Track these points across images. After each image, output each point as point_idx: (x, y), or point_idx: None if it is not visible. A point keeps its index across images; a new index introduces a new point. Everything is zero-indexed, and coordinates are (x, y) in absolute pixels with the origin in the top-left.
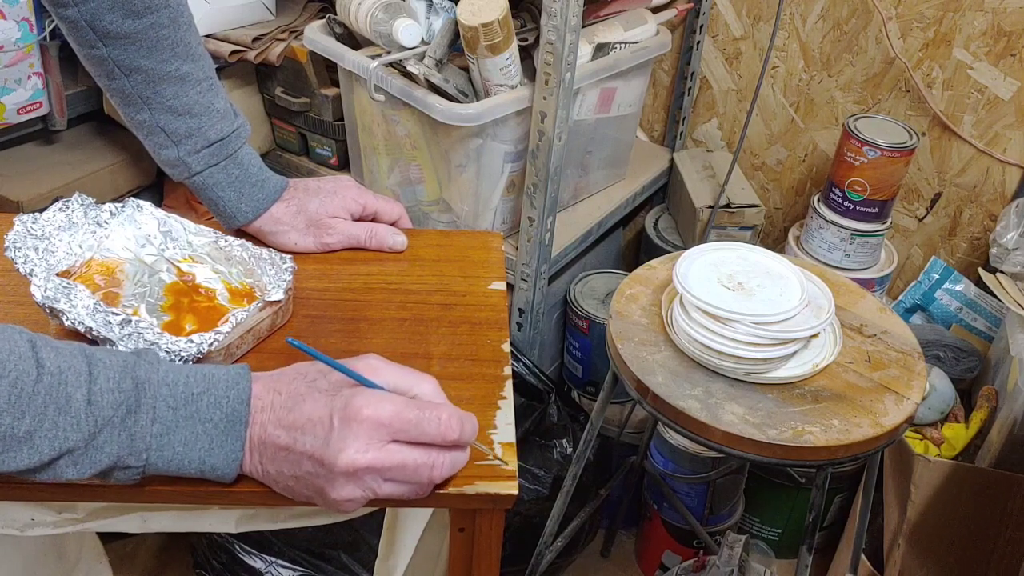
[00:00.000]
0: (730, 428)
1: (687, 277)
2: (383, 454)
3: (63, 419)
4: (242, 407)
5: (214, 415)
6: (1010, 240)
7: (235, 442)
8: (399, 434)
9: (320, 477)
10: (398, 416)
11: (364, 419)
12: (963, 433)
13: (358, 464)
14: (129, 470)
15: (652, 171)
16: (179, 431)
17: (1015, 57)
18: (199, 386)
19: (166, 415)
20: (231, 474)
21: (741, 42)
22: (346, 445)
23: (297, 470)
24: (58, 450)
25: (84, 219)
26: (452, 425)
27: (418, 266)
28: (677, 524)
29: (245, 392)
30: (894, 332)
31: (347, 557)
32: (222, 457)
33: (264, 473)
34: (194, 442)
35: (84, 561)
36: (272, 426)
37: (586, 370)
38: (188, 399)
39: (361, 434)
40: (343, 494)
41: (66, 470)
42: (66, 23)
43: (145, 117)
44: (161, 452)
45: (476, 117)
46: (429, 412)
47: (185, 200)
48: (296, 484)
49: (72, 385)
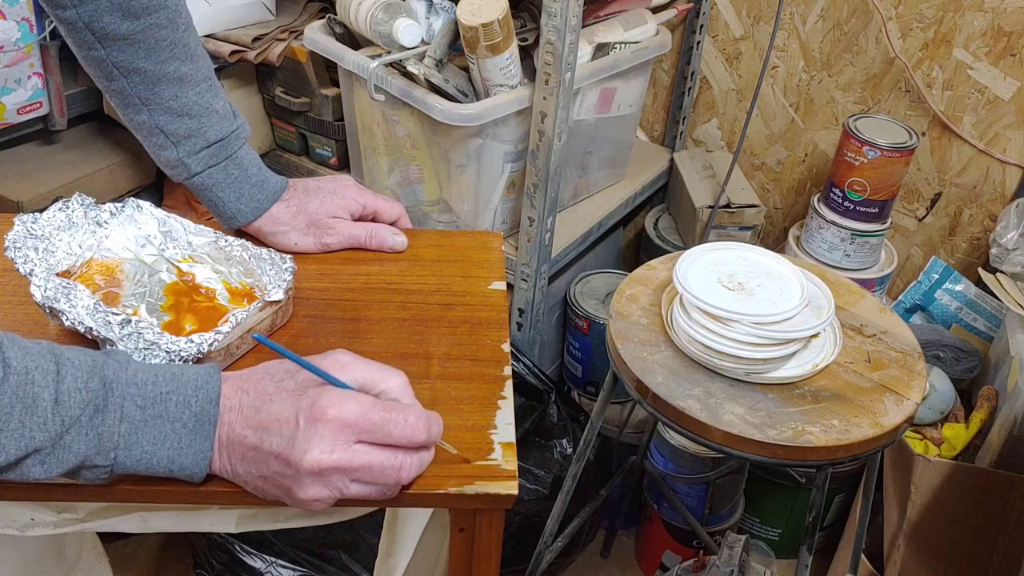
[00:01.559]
0: (730, 428)
1: (687, 277)
2: (349, 455)
3: (29, 419)
4: (211, 407)
5: (183, 415)
6: (1010, 240)
7: (204, 442)
8: (365, 435)
9: (287, 477)
10: (364, 417)
11: (330, 419)
12: (963, 433)
13: (323, 464)
14: (97, 469)
15: (652, 171)
16: (147, 430)
17: (1015, 57)
18: (167, 385)
19: (134, 414)
20: (200, 474)
21: (741, 42)
22: (311, 445)
23: (265, 470)
24: (24, 450)
25: (84, 219)
26: (419, 427)
27: (418, 266)
28: (677, 524)
29: (214, 392)
30: (894, 332)
31: (347, 557)
32: (191, 457)
33: (233, 473)
34: (162, 441)
35: (84, 561)
36: (240, 426)
37: (586, 370)
38: (156, 398)
39: (327, 434)
40: (310, 494)
41: (33, 469)
42: (64, 24)
43: (144, 118)
44: (129, 451)
45: (476, 117)
46: (396, 414)
47: (185, 200)
48: (264, 484)
49: (39, 385)
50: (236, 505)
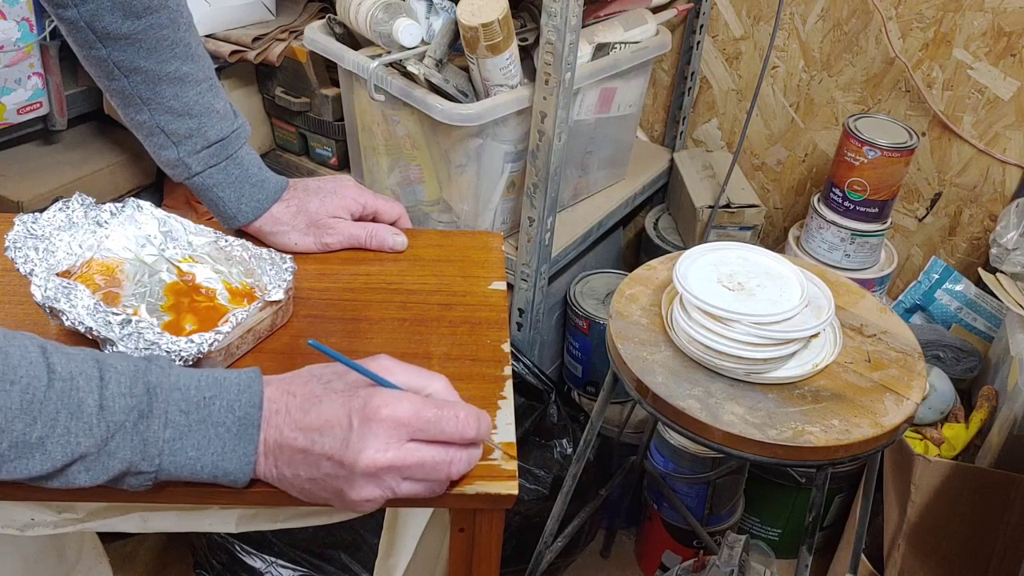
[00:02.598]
0: (730, 428)
1: (687, 277)
2: (403, 453)
3: (75, 424)
4: (254, 410)
5: (226, 419)
6: (1010, 240)
7: (248, 446)
8: (418, 433)
9: (339, 478)
10: (417, 415)
11: (383, 419)
12: (963, 433)
13: (379, 464)
14: (141, 476)
15: (652, 171)
16: (192, 436)
17: (1015, 57)
18: (211, 390)
19: (178, 419)
20: (244, 479)
21: (741, 42)
22: (366, 445)
23: (315, 472)
24: (71, 456)
25: (84, 219)
26: (470, 423)
27: (418, 266)
28: (677, 524)
29: (257, 395)
30: (894, 332)
31: (347, 557)
32: (235, 461)
33: (279, 477)
34: (207, 446)
35: (84, 561)
36: (288, 429)
37: (586, 370)
38: (200, 403)
39: (381, 433)
40: (363, 494)
41: (79, 476)
42: (65, 24)
43: (145, 118)
44: (174, 457)
45: (476, 117)
46: (447, 411)
47: (185, 200)
48: (313, 486)
49: (84, 390)
50: (236, 505)
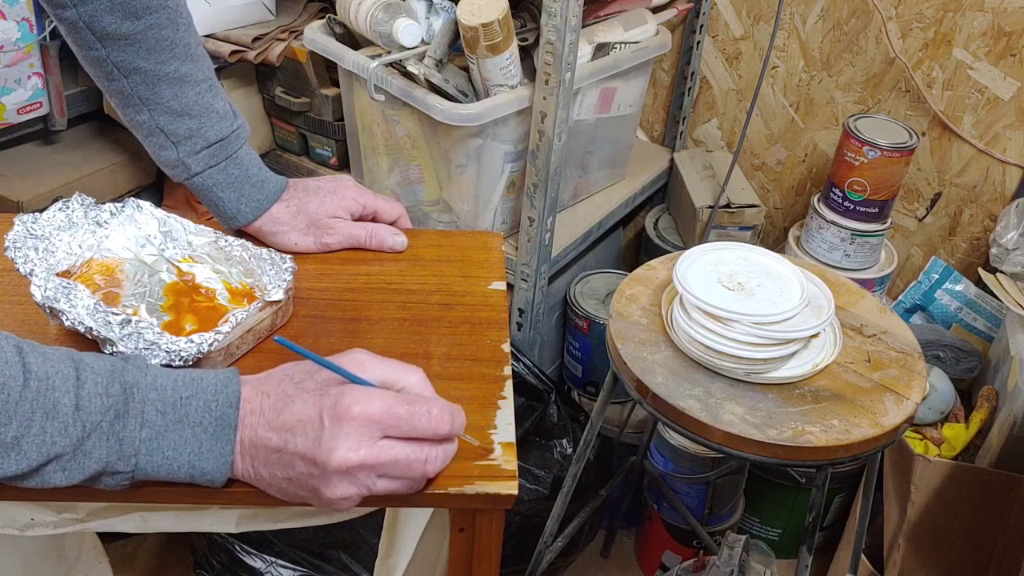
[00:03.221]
0: (730, 428)
1: (687, 277)
2: (376, 451)
3: (51, 424)
4: (231, 411)
5: (203, 419)
6: (1010, 240)
7: (225, 446)
8: (390, 430)
9: (314, 477)
10: (388, 412)
11: (354, 417)
12: (963, 433)
13: (351, 462)
14: (118, 475)
15: (652, 171)
16: (168, 435)
17: (1015, 57)
18: (187, 390)
19: (155, 419)
20: (221, 478)
21: (741, 42)
22: (338, 444)
23: (290, 471)
24: (46, 456)
25: (84, 219)
26: (443, 419)
27: (418, 266)
28: (677, 524)
29: (234, 395)
30: (894, 332)
31: (347, 557)
32: (212, 461)
33: (256, 476)
34: (183, 446)
35: (84, 561)
36: (263, 428)
37: (586, 370)
38: (177, 403)
39: (352, 432)
40: (338, 492)
41: (54, 476)
42: (65, 24)
43: (144, 118)
44: (150, 457)
45: (476, 117)
46: (419, 407)
47: (185, 200)
48: (289, 485)
49: (60, 390)
50: (236, 505)
